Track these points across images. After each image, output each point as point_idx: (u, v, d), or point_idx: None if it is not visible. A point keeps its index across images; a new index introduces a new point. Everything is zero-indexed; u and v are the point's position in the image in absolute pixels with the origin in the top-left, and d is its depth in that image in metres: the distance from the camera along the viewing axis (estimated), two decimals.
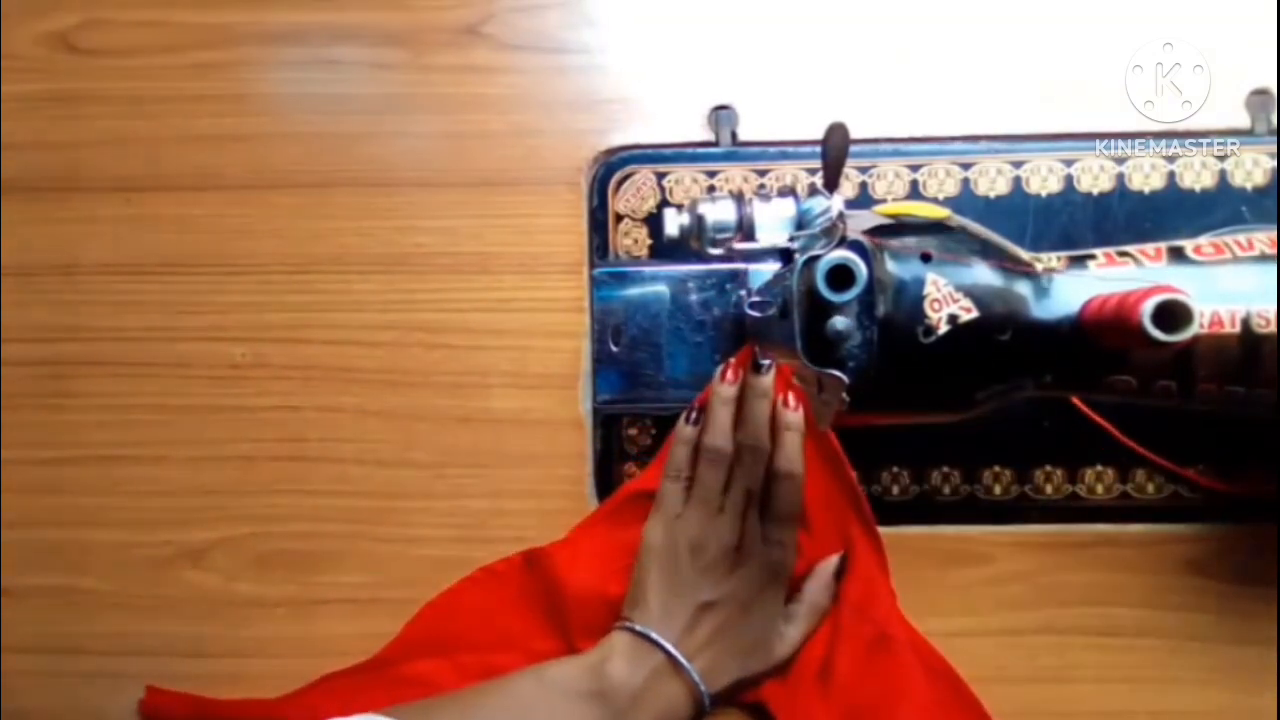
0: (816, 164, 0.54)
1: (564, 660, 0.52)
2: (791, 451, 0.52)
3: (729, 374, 0.53)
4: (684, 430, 0.55)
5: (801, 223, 0.45)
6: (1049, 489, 0.55)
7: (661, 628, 0.51)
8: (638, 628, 0.51)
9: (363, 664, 0.56)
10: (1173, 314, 0.34)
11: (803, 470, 0.53)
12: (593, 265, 0.57)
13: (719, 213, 0.46)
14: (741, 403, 0.53)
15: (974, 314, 0.39)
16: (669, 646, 0.50)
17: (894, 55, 0.57)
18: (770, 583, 0.53)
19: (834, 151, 0.43)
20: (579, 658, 0.52)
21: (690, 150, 0.57)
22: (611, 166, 0.57)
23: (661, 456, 0.55)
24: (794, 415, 0.52)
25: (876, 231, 0.40)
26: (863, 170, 0.56)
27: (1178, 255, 0.44)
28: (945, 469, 0.56)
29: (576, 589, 0.55)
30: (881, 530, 0.55)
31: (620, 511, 0.56)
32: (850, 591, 0.54)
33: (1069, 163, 0.56)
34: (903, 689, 0.53)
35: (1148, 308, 0.34)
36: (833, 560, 0.54)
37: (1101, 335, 0.38)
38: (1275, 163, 0.55)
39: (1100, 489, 0.55)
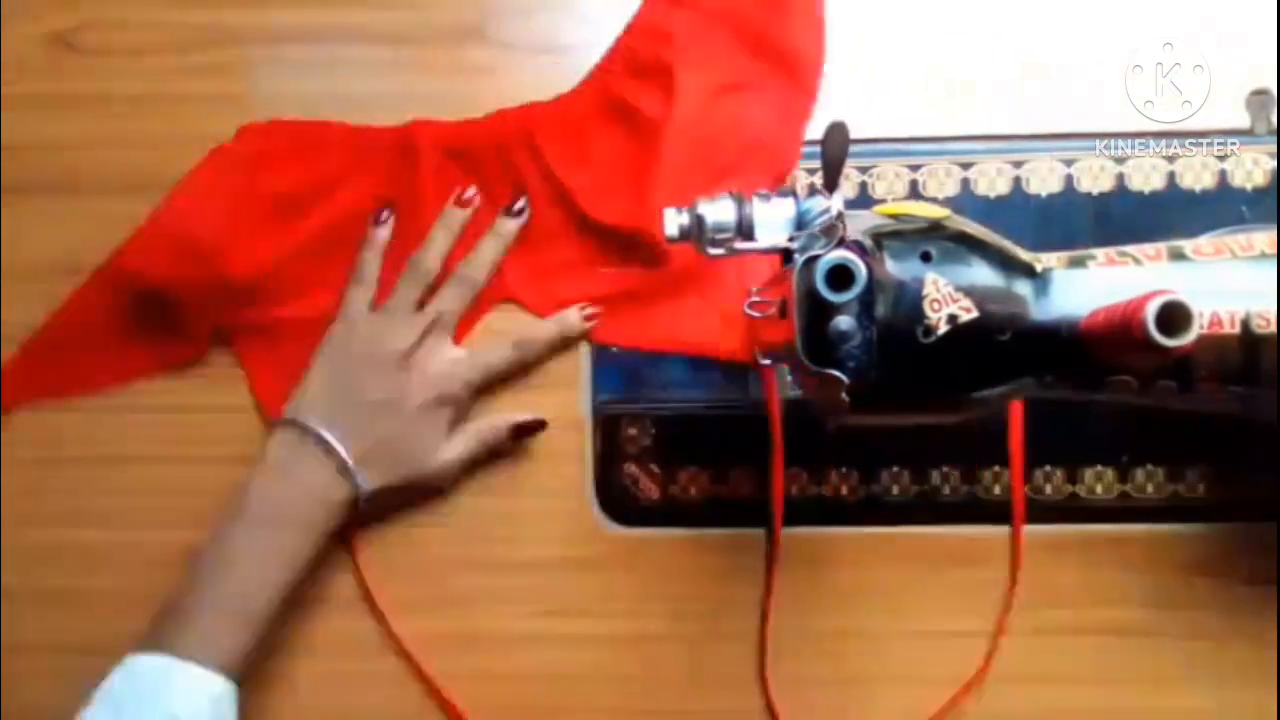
0: (816, 164, 0.54)
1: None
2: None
3: (463, 199, 0.56)
4: (375, 234, 0.56)
5: (801, 223, 0.45)
6: (1049, 489, 0.55)
7: (325, 420, 0.52)
8: (298, 419, 0.53)
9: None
10: (1174, 317, 0.34)
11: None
12: None
13: (719, 213, 0.46)
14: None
15: (974, 314, 0.39)
16: (327, 435, 0.52)
17: (894, 55, 0.57)
18: (438, 400, 0.54)
19: (834, 151, 0.43)
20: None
21: None
22: None
23: None
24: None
25: (876, 231, 0.41)
26: (863, 170, 0.56)
27: (1178, 255, 0.44)
28: (945, 469, 0.55)
29: None
30: (882, 530, 0.55)
31: None
32: None
33: (1069, 163, 0.56)
34: None
35: (1151, 310, 0.34)
36: (515, 418, 0.56)
37: (1103, 347, 0.38)
38: (1275, 163, 0.55)
39: (1100, 489, 0.55)
